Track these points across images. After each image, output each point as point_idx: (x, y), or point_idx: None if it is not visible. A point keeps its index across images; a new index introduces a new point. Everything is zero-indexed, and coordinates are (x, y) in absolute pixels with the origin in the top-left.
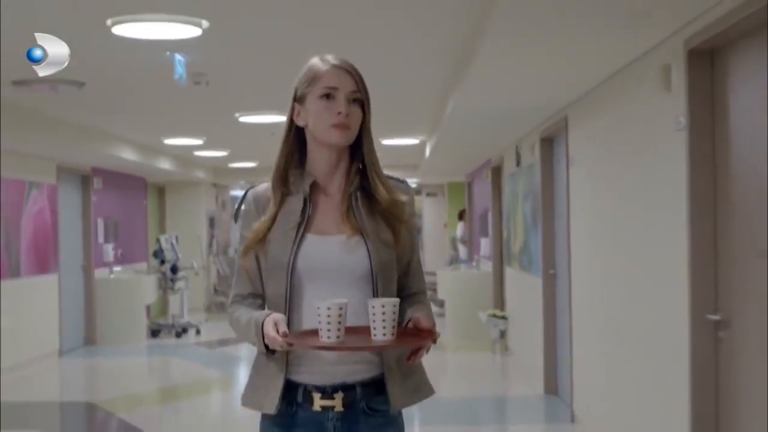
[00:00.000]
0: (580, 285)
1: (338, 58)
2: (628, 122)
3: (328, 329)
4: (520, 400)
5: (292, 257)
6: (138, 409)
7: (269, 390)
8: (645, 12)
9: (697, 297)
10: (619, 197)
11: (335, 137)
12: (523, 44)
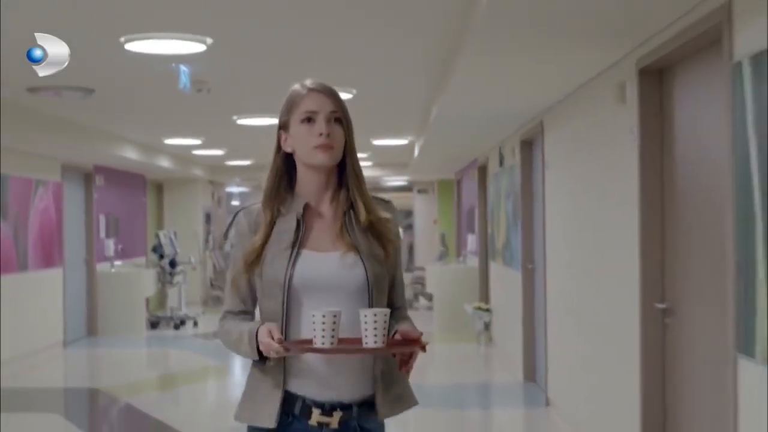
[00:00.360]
0: (553, 278)
1: (315, 82)
2: (591, 130)
3: (322, 336)
4: (501, 386)
5: (288, 274)
6: (139, 394)
7: (267, 403)
8: (603, 35)
9: (647, 287)
10: (584, 198)
11: (320, 158)
12: (498, 59)
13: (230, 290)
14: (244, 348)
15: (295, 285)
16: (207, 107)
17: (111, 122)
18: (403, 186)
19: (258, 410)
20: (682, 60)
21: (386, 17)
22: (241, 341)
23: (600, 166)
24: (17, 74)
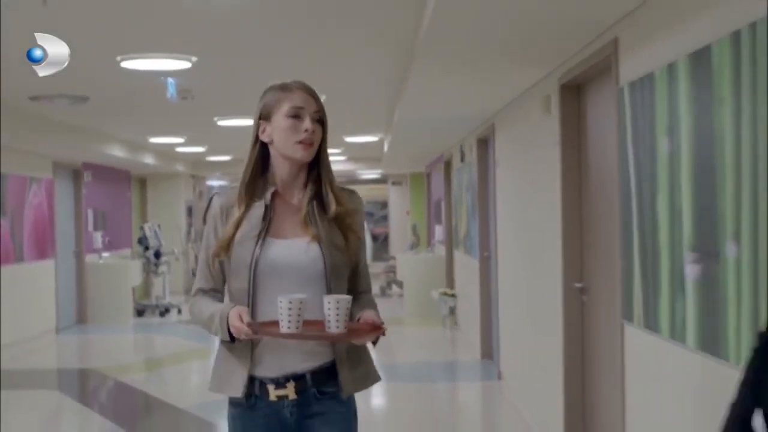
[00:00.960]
0: (503, 265)
1: (300, 82)
2: (527, 135)
3: (288, 320)
4: (462, 364)
5: (254, 258)
6: (128, 374)
7: (235, 376)
8: (530, 56)
9: (567, 270)
10: (523, 193)
11: (300, 153)
12: (442, 74)
13: (202, 269)
14: (214, 327)
15: (261, 268)
16: (190, 111)
17: (101, 123)
18: (378, 178)
19: (227, 382)
20: (592, 79)
21: (349, 31)
22: (212, 321)
23: (534, 166)
24: (20, 84)
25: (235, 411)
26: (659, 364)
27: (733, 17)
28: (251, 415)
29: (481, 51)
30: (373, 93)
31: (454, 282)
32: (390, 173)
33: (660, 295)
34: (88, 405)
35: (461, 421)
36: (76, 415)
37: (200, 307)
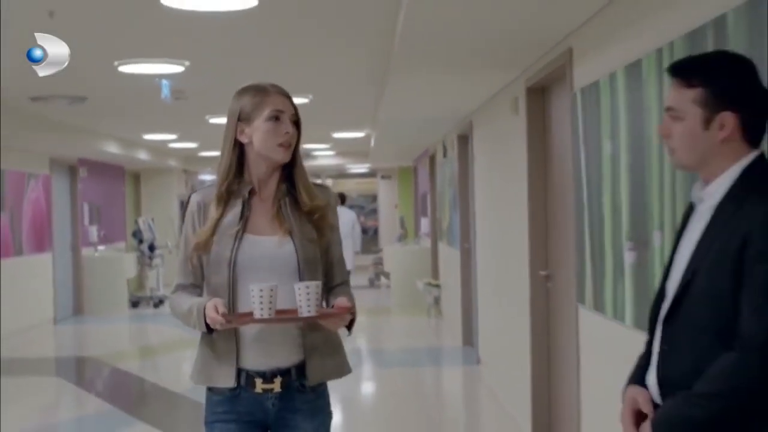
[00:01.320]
0: (481, 255)
1: (277, 86)
2: (498, 134)
3: (261, 307)
4: (445, 350)
5: (233, 254)
6: (123, 361)
7: (223, 368)
8: (498, 61)
9: (534, 259)
10: (496, 187)
11: (280, 154)
12: (419, 78)
13: (182, 265)
14: (192, 320)
15: (239, 264)
16: (183, 109)
17: (96, 122)
18: (368, 172)
19: (215, 372)
20: (554, 83)
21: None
22: (190, 314)
23: (504, 162)
24: (20, 85)
25: (217, 398)
26: (606, 341)
27: (657, 36)
28: (234, 403)
29: (453, 57)
30: (358, 92)
31: (439, 273)
32: (379, 167)
33: (605, 279)
34: (86, 389)
35: (443, 402)
36: (75, 398)
37: (179, 301)
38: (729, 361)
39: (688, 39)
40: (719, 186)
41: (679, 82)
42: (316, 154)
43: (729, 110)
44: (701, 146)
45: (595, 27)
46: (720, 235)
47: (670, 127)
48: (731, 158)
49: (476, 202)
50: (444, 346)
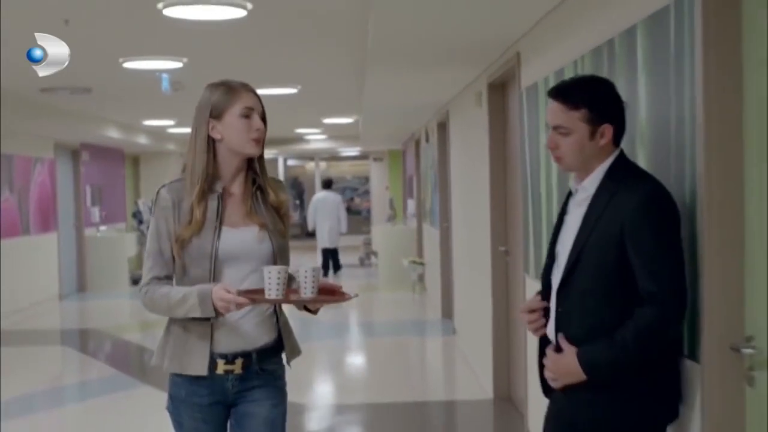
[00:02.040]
0: (455, 233)
1: (245, 84)
2: (467, 124)
3: (277, 288)
4: (426, 322)
5: (214, 247)
6: (125, 333)
7: (195, 354)
8: (463, 60)
9: (494, 236)
10: (466, 171)
11: (252, 149)
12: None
13: (154, 258)
14: (187, 307)
15: (220, 256)
16: (180, 98)
17: (99, 109)
18: (360, 155)
19: (186, 359)
20: (510, 80)
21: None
22: (184, 302)
23: (472, 149)
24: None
25: (180, 380)
26: None
27: (578, 47)
28: (197, 385)
29: (421, 57)
30: (342, 83)
31: (423, 251)
32: (370, 150)
33: (542, 251)
34: (90, 355)
35: (421, 368)
36: (81, 364)
37: (163, 291)
38: (645, 316)
39: (593, 54)
40: (593, 180)
41: (566, 105)
42: (309, 138)
43: (607, 123)
44: (587, 153)
45: (536, 37)
46: (600, 220)
47: (557, 141)
48: (603, 157)
49: (452, 185)
50: (426, 318)
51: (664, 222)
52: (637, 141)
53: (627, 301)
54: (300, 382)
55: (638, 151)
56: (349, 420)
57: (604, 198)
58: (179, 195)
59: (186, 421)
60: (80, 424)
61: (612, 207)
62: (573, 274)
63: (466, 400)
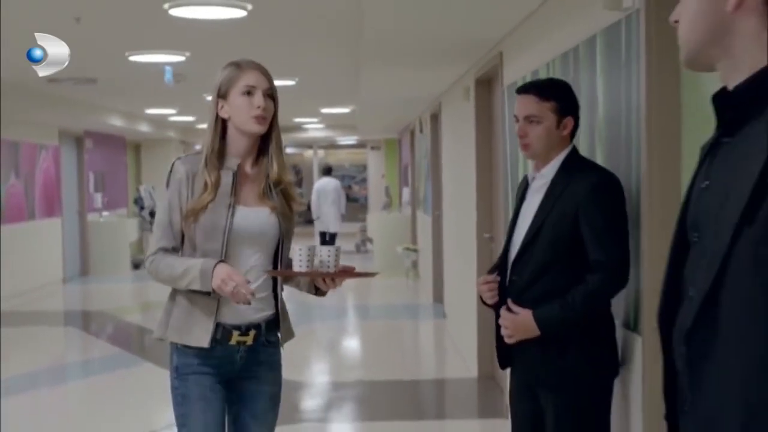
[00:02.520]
0: (447, 221)
1: (252, 62)
2: (457, 116)
3: (308, 263)
4: (419, 306)
5: (228, 223)
6: (126, 314)
7: (198, 326)
8: (452, 58)
9: (480, 223)
10: (455, 162)
11: (254, 127)
12: (386, 71)
13: (165, 229)
14: (188, 280)
15: (233, 233)
16: (181, 88)
17: (103, 98)
18: (358, 143)
19: (190, 330)
20: (495, 77)
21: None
22: (185, 275)
23: (461, 141)
24: None
25: (192, 351)
26: None
27: (550, 51)
28: (208, 356)
29: (412, 54)
30: (339, 76)
31: (417, 238)
32: (368, 139)
33: None
34: (93, 335)
35: (413, 349)
36: (84, 343)
37: (168, 262)
38: (593, 281)
39: (563, 57)
40: (551, 168)
41: (538, 97)
42: (307, 127)
43: (570, 116)
44: (552, 141)
45: (516, 39)
46: (557, 202)
47: (527, 129)
48: (561, 149)
49: (444, 175)
50: (419, 303)
51: (613, 203)
52: (596, 137)
53: (577, 271)
54: (297, 361)
55: (597, 146)
56: (344, 396)
57: (562, 184)
58: (194, 168)
59: (193, 391)
60: (83, 400)
61: (569, 191)
62: (531, 248)
63: (453, 378)
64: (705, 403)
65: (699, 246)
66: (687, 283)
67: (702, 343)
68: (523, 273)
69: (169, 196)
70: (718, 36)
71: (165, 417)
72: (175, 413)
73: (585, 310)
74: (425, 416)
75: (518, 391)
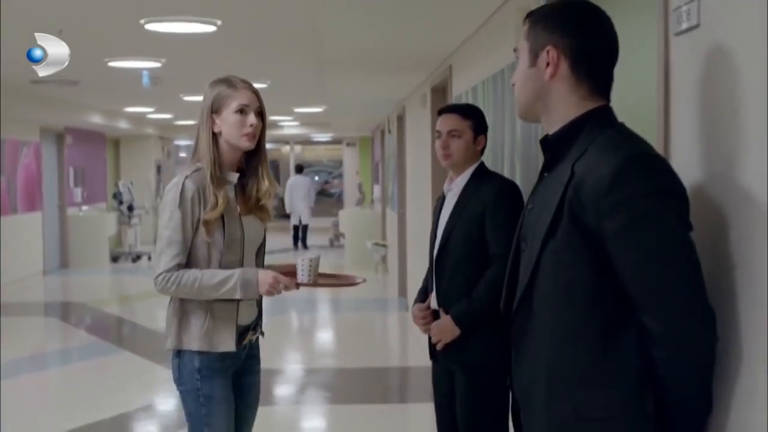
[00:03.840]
0: (410, 218)
1: (246, 82)
2: (416, 121)
3: (309, 273)
4: (386, 300)
5: (242, 234)
6: (105, 306)
7: (227, 332)
8: (409, 68)
9: None
10: (415, 162)
11: (246, 144)
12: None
13: (178, 246)
14: (226, 289)
15: (246, 243)
16: (160, 89)
17: (84, 97)
18: (333, 140)
19: (219, 338)
20: (447, 87)
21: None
22: (223, 285)
23: (420, 144)
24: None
25: (214, 354)
26: None
27: (485, 71)
28: (228, 357)
29: (371, 64)
30: (309, 79)
31: (387, 234)
32: (343, 136)
33: None
34: (72, 325)
35: (382, 340)
36: (62, 332)
37: (195, 275)
38: (491, 273)
39: (493, 78)
40: (463, 178)
41: (460, 115)
42: (282, 125)
43: (482, 135)
44: (468, 153)
45: (462, 55)
46: (467, 207)
47: (449, 142)
48: (472, 162)
49: (408, 174)
50: (387, 297)
51: (513, 205)
52: (515, 153)
53: (485, 264)
54: (272, 350)
55: (516, 161)
56: (316, 381)
57: (471, 190)
58: (202, 183)
59: (218, 392)
60: (62, 386)
61: (477, 194)
62: (445, 245)
63: (415, 366)
64: (523, 371)
65: (525, 254)
66: (520, 281)
67: (522, 323)
68: (443, 270)
69: (181, 215)
70: (540, 97)
71: (139, 400)
72: (195, 413)
73: (490, 300)
74: (390, 400)
75: (438, 374)
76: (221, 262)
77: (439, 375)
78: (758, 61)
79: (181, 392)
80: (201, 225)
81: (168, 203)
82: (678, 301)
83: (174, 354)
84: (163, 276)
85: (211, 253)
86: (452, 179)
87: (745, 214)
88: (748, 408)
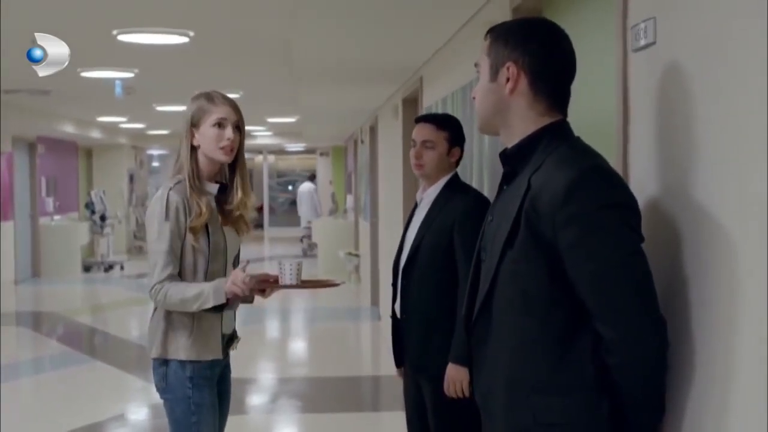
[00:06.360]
0: (381, 228)
1: (224, 96)
2: (388, 132)
3: (290, 276)
4: (360, 309)
5: (224, 243)
6: (77, 315)
7: (214, 340)
8: (381, 79)
9: None
10: (388, 173)
11: (222, 157)
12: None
13: (168, 257)
14: (201, 301)
15: (228, 252)
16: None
17: (56, 107)
18: (307, 149)
19: (207, 346)
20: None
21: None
22: (199, 297)
23: (391, 154)
24: None
25: (204, 363)
26: None
27: (454, 83)
28: (215, 365)
29: (342, 75)
30: (281, 90)
31: (359, 244)
32: (317, 146)
33: None
34: (44, 335)
35: (355, 349)
36: (34, 342)
37: (180, 288)
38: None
39: (462, 90)
40: (436, 188)
41: (436, 126)
42: (255, 135)
43: (458, 147)
44: (442, 165)
45: (432, 67)
46: (437, 217)
47: (422, 153)
48: (446, 173)
49: (380, 184)
50: (360, 306)
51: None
52: (484, 164)
53: (452, 274)
54: (245, 360)
55: (484, 172)
56: (289, 390)
57: (442, 201)
58: (185, 194)
59: (207, 399)
60: (34, 395)
61: (447, 207)
62: (414, 257)
63: (387, 375)
64: (483, 378)
65: (485, 264)
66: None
67: (481, 332)
68: (411, 279)
69: (170, 226)
70: (500, 111)
71: (110, 409)
72: (183, 421)
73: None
74: (363, 409)
75: (407, 386)
76: (206, 272)
77: (409, 387)
78: (711, 78)
79: (167, 400)
80: (188, 232)
81: (154, 217)
82: (630, 310)
83: (159, 362)
84: (155, 288)
85: (197, 262)
86: (425, 188)
87: (697, 226)
88: (701, 412)
